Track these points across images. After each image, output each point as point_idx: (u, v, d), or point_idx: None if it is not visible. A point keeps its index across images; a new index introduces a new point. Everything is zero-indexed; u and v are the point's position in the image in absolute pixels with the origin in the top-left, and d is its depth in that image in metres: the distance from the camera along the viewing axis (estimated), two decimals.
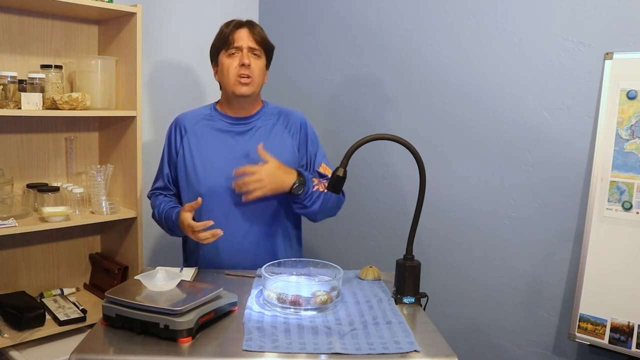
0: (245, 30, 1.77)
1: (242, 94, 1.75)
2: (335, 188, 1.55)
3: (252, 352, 1.20)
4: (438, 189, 2.20)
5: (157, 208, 1.84)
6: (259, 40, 1.77)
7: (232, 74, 1.75)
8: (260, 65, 1.78)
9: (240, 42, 1.75)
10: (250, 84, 1.75)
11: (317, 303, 1.42)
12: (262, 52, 1.79)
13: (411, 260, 1.54)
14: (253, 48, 1.76)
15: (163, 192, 1.87)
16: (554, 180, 1.93)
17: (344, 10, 2.49)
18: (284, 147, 1.81)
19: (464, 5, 2.10)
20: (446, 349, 1.25)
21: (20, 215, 1.93)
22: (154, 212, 1.86)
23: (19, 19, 2.02)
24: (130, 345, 1.23)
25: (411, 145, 1.52)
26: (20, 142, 2.09)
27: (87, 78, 2.05)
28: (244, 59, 1.73)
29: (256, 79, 1.76)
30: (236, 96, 1.77)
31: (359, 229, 2.53)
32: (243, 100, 1.79)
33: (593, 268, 1.78)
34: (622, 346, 1.71)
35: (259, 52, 1.78)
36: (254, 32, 1.77)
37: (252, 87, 1.76)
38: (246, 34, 1.76)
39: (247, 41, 1.76)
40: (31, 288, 2.15)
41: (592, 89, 1.82)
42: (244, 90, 1.75)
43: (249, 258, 1.79)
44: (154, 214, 1.86)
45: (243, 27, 1.78)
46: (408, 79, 2.29)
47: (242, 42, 1.75)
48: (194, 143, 1.81)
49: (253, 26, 1.79)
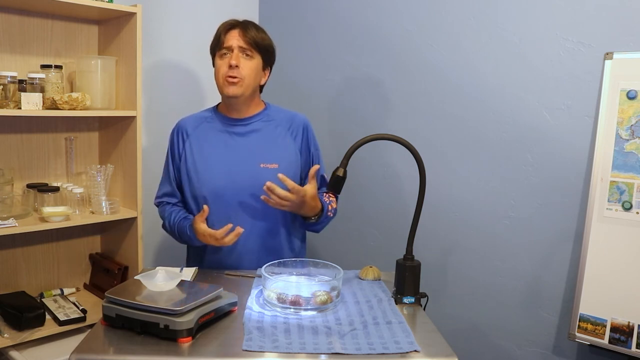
0: (237, 31, 1.76)
1: (229, 94, 1.74)
2: (335, 188, 1.55)
3: (252, 352, 1.20)
4: (438, 189, 2.20)
5: (167, 220, 1.83)
6: (249, 40, 1.74)
7: (221, 74, 1.74)
8: (251, 66, 1.75)
9: (230, 43, 1.74)
10: (238, 84, 1.73)
11: (317, 303, 1.42)
12: (255, 52, 1.76)
13: (411, 260, 1.54)
14: (244, 48, 1.74)
15: (170, 199, 1.86)
16: (554, 180, 1.93)
17: (344, 10, 2.48)
18: (287, 150, 1.81)
19: (464, 5, 2.10)
20: (446, 349, 1.25)
21: (20, 215, 1.93)
22: (164, 223, 1.85)
23: (19, 19, 2.02)
24: (130, 345, 1.23)
25: (411, 145, 1.52)
26: (20, 142, 2.09)
27: (87, 78, 2.05)
28: (232, 59, 1.72)
29: (246, 79, 1.74)
30: (226, 97, 1.77)
31: (359, 229, 2.53)
32: (234, 101, 1.77)
33: (593, 268, 1.78)
34: (622, 346, 1.71)
35: (250, 53, 1.75)
36: (246, 33, 1.75)
37: (240, 87, 1.73)
38: (237, 35, 1.75)
39: (238, 41, 1.74)
40: (31, 288, 2.14)
41: (592, 89, 1.82)
42: (231, 91, 1.73)
43: (252, 259, 1.79)
44: (165, 225, 1.85)
45: (235, 28, 1.76)
46: (408, 79, 2.29)
47: (232, 42, 1.74)
48: (196, 146, 1.81)
49: (246, 26, 1.77)
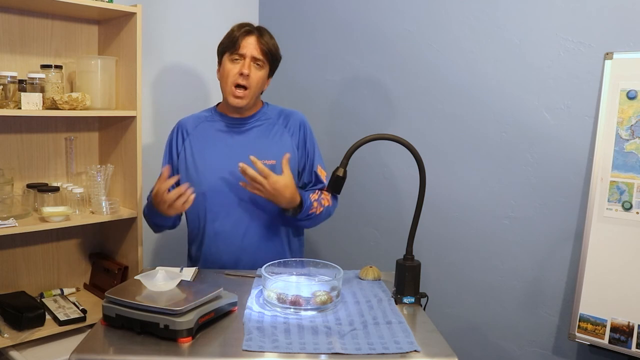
0: (254, 38, 1.75)
1: (236, 105, 1.76)
2: (335, 188, 1.55)
3: (252, 352, 1.20)
4: (438, 189, 2.20)
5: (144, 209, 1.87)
6: (265, 50, 1.75)
7: (230, 80, 1.75)
8: (260, 76, 1.77)
9: (245, 50, 1.74)
10: (245, 97, 1.75)
11: (317, 303, 1.42)
12: (266, 62, 1.78)
13: (411, 260, 1.54)
14: (257, 58, 1.75)
15: None
16: (554, 180, 1.93)
17: (344, 10, 2.48)
18: (284, 147, 1.81)
19: (464, 5, 2.10)
20: (446, 349, 1.25)
21: (20, 215, 1.93)
22: (144, 213, 1.88)
23: (19, 19, 2.02)
24: (130, 345, 1.23)
25: (411, 145, 1.52)
26: (20, 142, 2.09)
27: (87, 78, 2.05)
28: (244, 68, 1.73)
29: (252, 89, 1.76)
30: (230, 105, 1.79)
31: (359, 229, 2.52)
32: (237, 108, 1.80)
33: (593, 268, 1.78)
34: (622, 346, 1.71)
35: (261, 63, 1.76)
36: (262, 41, 1.75)
37: (246, 99, 1.76)
38: (254, 42, 1.75)
39: (253, 50, 1.74)
40: (31, 288, 2.14)
41: (592, 89, 1.82)
42: (237, 103, 1.76)
43: (250, 257, 1.79)
44: (144, 211, 1.88)
45: (252, 35, 1.76)
46: (408, 79, 2.29)
47: (247, 50, 1.74)
48: (195, 144, 1.82)
49: (262, 34, 1.77)
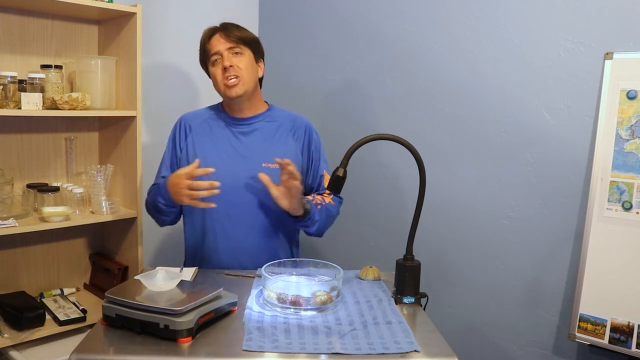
0: (218, 34, 1.77)
1: (232, 95, 1.76)
2: (335, 188, 1.55)
3: (252, 352, 1.20)
4: (438, 189, 2.20)
5: (149, 192, 1.84)
6: (234, 39, 1.76)
7: (220, 80, 1.76)
8: (245, 61, 1.77)
9: (216, 47, 1.76)
10: (239, 83, 1.74)
11: (317, 303, 1.42)
12: (244, 47, 1.78)
13: (411, 260, 1.54)
14: (231, 47, 1.76)
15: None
16: (554, 180, 1.93)
17: (344, 10, 2.48)
18: (288, 151, 1.81)
19: (464, 5, 2.10)
20: (446, 349, 1.25)
21: (20, 215, 1.93)
22: (147, 200, 1.86)
23: (19, 19, 2.02)
24: (130, 345, 1.23)
25: (411, 145, 1.52)
26: (20, 142, 2.09)
27: (87, 78, 2.05)
28: (224, 62, 1.74)
29: (244, 75, 1.75)
30: (230, 99, 1.78)
31: (359, 229, 2.52)
32: (238, 100, 1.79)
33: (593, 268, 1.78)
34: (622, 346, 1.71)
35: (239, 50, 1.77)
36: (227, 34, 1.77)
37: (242, 85, 1.75)
38: (219, 37, 1.77)
39: (223, 44, 1.75)
40: (31, 288, 2.14)
41: (592, 89, 1.82)
42: (234, 92, 1.75)
43: (249, 257, 1.79)
44: (147, 201, 1.86)
45: (216, 33, 1.78)
46: (408, 79, 2.29)
47: (219, 47, 1.76)
48: (199, 141, 1.82)
49: (226, 27, 1.79)
